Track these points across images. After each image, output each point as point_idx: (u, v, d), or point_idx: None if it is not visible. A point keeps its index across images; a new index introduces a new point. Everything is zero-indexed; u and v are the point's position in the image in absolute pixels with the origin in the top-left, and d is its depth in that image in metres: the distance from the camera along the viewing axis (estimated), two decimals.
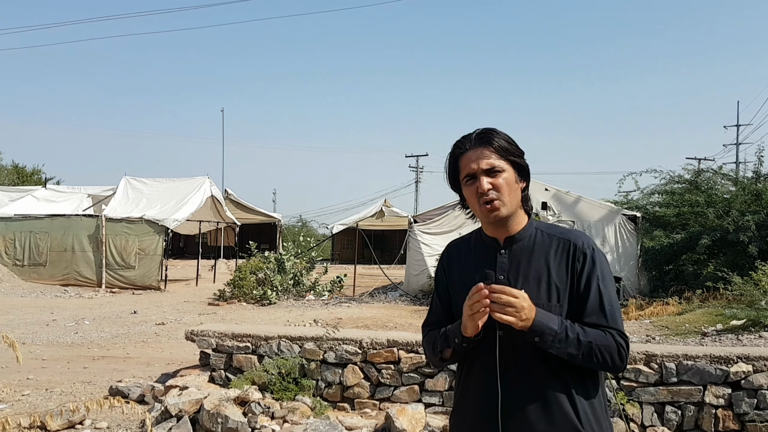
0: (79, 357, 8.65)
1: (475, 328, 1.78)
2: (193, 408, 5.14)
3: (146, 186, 21.59)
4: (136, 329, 11.10)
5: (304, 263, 17.21)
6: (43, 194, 22.86)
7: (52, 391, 6.69)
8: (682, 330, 9.29)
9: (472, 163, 1.86)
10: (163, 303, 15.38)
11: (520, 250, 1.90)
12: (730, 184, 16.29)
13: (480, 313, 1.75)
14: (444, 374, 5.40)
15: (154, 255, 18.81)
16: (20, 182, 35.68)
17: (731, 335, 8.41)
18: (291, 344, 5.78)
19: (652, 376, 5.03)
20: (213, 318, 12.56)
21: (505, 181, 1.85)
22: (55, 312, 13.29)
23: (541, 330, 1.74)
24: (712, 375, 4.94)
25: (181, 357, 8.20)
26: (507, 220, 1.89)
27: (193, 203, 20.69)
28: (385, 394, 5.52)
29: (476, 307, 1.74)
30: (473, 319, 1.76)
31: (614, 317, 1.83)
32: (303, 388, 5.55)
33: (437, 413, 5.28)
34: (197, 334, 6.07)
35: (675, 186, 16.99)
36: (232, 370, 5.86)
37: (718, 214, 14.26)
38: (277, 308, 14.27)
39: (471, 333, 1.80)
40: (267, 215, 31.93)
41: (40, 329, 10.99)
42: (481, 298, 1.73)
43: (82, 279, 18.88)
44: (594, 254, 1.87)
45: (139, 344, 9.70)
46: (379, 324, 11.09)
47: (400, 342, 5.58)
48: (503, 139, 1.88)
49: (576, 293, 1.84)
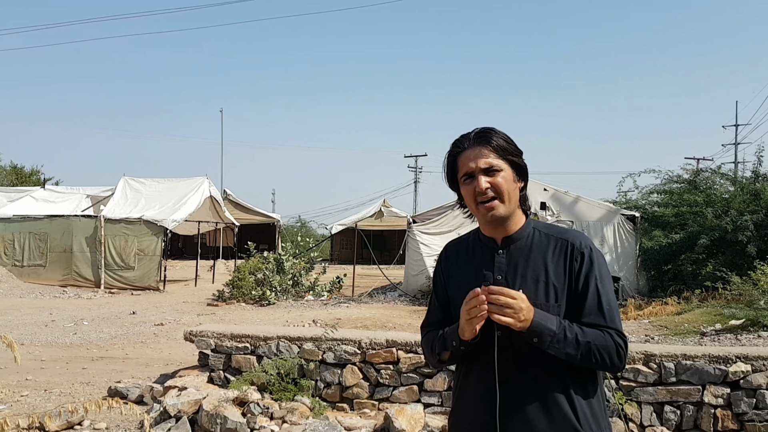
0: (77, 358, 8.64)
1: (472, 332, 1.78)
2: (192, 408, 5.13)
3: (145, 186, 21.56)
4: (135, 330, 11.10)
5: (303, 264, 17.21)
6: (42, 195, 22.83)
7: (51, 391, 6.68)
8: (680, 330, 9.29)
9: (471, 162, 1.86)
10: (162, 303, 15.37)
11: (518, 250, 1.90)
12: (729, 184, 16.31)
13: (477, 318, 1.74)
14: (443, 374, 5.40)
15: (152, 255, 18.80)
16: (19, 183, 35.65)
17: (730, 335, 8.41)
18: (290, 345, 5.77)
19: (651, 375, 5.03)
20: (212, 318, 12.56)
21: (503, 180, 1.85)
22: (54, 313, 13.28)
23: (539, 330, 1.74)
24: (711, 375, 4.93)
25: (180, 358, 8.20)
26: (505, 219, 1.89)
27: (191, 204, 20.67)
28: (384, 394, 5.52)
29: (473, 312, 1.74)
30: (471, 324, 1.76)
31: (612, 317, 1.83)
32: (302, 389, 5.55)
33: (436, 413, 5.28)
34: (196, 334, 6.07)
35: (674, 186, 17.01)
36: (231, 371, 5.86)
37: (716, 213, 14.27)
38: (276, 309, 14.26)
39: (468, 337, 1.80)
40: (266, 215, 31.90)
41: (39, 330, 10.98)
42: (478, 303, 1.73)
43: (80, 279, 18.87)
44: (592, 254, 1.86)
45: (138, 345, 9.69)
46: (378, 324, 11.09)
47: (399, 342, 5.58)
48: (502, 139, 1.88)
49: (574, 293, 1.84)
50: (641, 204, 17.94)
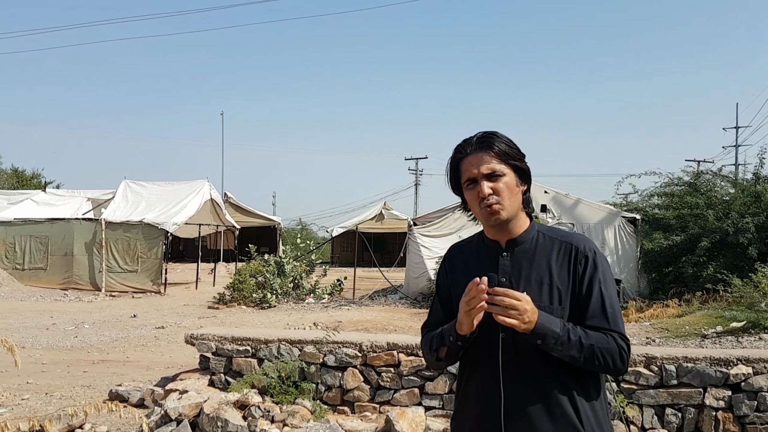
0: (78, 361, 8.64)
1: (470, 325, 1.78)
2: (193, 412, 5.13)
3: (146, 189, 21.57)
4: (135, 333, 11.10)
5: (303, 266, 17.22)
6: (43, 198, 22.85)
7: (52, 395, 6.68)
8: (681, 332, 9.28)
9: (473, 167, 1.87)
10: (163, 306, 15.37)
11: (522, 253, 1.91)
12: (730, 186, 16.28)
13: (476, 309, 1.74)
14: (444, 377, 5.40)
15: (153, 258, 18.81)
16: (20, 186, 35.69)
17: (731, 337, 8.41)
18: (291, 347, 5.77)
19: (652, 378, 5.03)
20: (213, 321, 12.56)
21: (505, 185, 1.86)
22: (55, 316, 13.29)
23: (543, 332, 1.75)
24: (712, 377, 4.93)
25: (181, 361, 8.19)
26: (508, 223, 1.90)
27: (192, 206, 20.68)
28: (385, 397, 5.51)
29: (473, 302, 1.74)
30: (469, 316, 1.76)
31: (615, 320, 1.83)
32: (303, 392, 5.54)
33: (437, 416, 5.27)
34: (197, 337, 6.07)
35: (674, 188, 16.99)
36: (232, 374, 5.85)
37: (717, 216, 14.25)
38: (276, 311, 14.26)
39: (466, 330, 1.80)
40: (267, 218, 31.93)
41: (40, 333, 10.98)
42: (477, 293, 1.73)
43: (81, 283, 18.88)
44: (596, 257, 1.87)
45: (138, 348, 9.69)
46: (378, 327, 11.09)
47: (400, 345, 5.57)
48: (504, 143, 1.88)
49: (578, 296, 1.85)
50: (642, 206, 17.93)
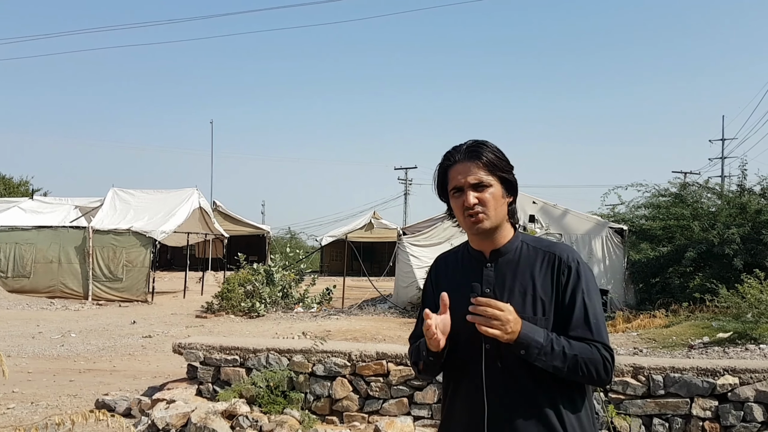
0: (65, 370, 8.57)
1: (436, 345, 1.82)
2: (180, 421, 5.10)
3: (134, 197, 21.46)
4: (122, 342, 11.02)
5: (292, 275, 17.18)
6: (30, 205, 22.64)
7: (38, 404, 6.62)
8: (669, 342, 9.34)
9: (460, 176, 1.87)
10: (150, 315, 15.27)
11: (506, 264, 1.92)
12: (716, 198, 16.46)
13: (432, 340, 1.80)
14: (433, 387, 5.40)
15: (141, 267, 18.70)
16: (7, 194, 35.38)
17: (718, 348, 8.47)
18: (279, 357, 5.75)
19: (639, 388, 5.05)
20: (201, 330, 12.49)
21: (491, 196, 1.86)
22: (41, 324, 13.17)
23: (526, 343, 1.75)
24: (699, 387, 4.96)
25: (168, 370, 8.14)
26: (492, 232, 1.90)
27: (181, 215, 20.58)
28: (374, 406, 5.50)
29: (428, 333, 1.80)
30: (432, 339, 1.81)
31: (599, 331, 1.83)
32: (291, 401, 5.52)
33: (426, 426, 5.27)
34: (185, 346, 6.04)
35: (661, 199, 17.15)
36: (220, 383, 5.83)
37: (703, 227, 14.39)
38: (265, 320, 14.21)
39: (434, 348, 1.85)
40: (256, 227, 31.84)
41: (26, 342, 10.88)
42: (427, 326, 1.78)
43: (68, 291, 18.72)
44: (579, 267, 1.88)
45: (125, 357, 9.63)
46: (368, 336, 11.07)
47: (389, 354, 5.58)
48: (493, 154, 1.88)
49: (561, 306, 1.85)
50: (629, 217, 18.07)
